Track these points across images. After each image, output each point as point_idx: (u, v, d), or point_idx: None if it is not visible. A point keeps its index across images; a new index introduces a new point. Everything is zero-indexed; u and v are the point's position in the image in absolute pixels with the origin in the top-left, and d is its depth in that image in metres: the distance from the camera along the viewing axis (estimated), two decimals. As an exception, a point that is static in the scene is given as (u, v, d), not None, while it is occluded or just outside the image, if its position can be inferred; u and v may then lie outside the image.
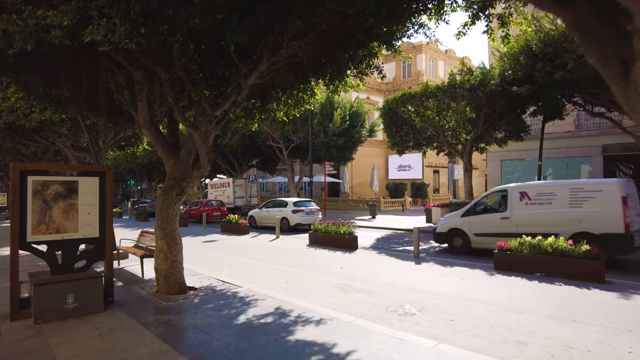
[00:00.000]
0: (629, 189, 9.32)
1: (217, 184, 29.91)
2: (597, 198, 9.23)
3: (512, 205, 10.45)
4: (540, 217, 9.92)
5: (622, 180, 9.59)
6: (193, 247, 13.65)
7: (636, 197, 9.78)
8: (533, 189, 10.28)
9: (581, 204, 9.42)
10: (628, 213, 8.81)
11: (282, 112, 11.64)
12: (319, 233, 13.30)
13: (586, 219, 9.26)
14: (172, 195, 6.83)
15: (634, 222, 8.97)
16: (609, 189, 9.16)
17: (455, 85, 15.76)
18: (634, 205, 9.41)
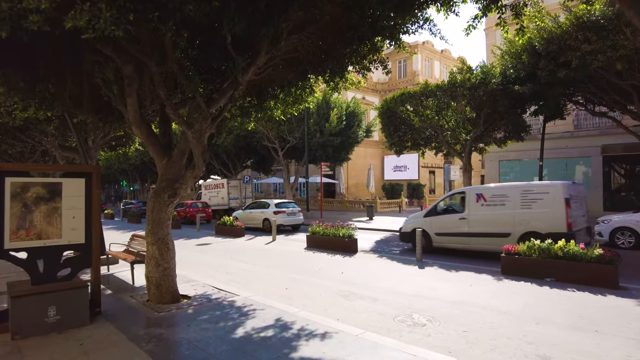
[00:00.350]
0: (573, 191, 9.89)
1: (211, 185, 29.38)
2: (544, 200, 9.79)
3: (469, 206, 10.98)
4: (494, 218, 10.46)
5: (567, 183, 10.08)
6: (186, 251, 13.18)
7: (582, 198, 10.51)
8: (488, 191, 10.84)
9: (530, 205, 9.98)
10: (570, 213, 9.43)
11: (280, 111, 11.25)
12: (317, 236, 12.88)
13: (534, 219, 9.82)
14: (164, 197, 6.38)
15: (576, 222, 9.63)
16: (554, 191, 9.72)
17: (456, 84, 15.43)
18: (579, 207, 10.07)
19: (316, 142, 24.60)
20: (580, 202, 10.32)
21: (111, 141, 15.13)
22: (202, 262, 11.07)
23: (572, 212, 9.51)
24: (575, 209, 9.79)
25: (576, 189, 10.35)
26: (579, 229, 9.73)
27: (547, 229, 9.45)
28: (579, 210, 10.06)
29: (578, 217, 9.87)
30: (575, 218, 9.60)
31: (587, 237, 10.39)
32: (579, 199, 10.26)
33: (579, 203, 10.13)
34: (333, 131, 24.22)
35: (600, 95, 14.32)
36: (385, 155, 43.14)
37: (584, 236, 10.08)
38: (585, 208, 10.74)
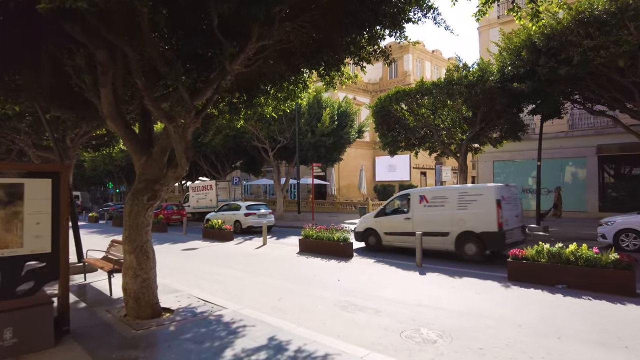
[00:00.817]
0: (505, 193, 10.52)
1: (199, 187, 28.55)
2: (478, 201, 10.45)
3: (413, 207, 11.64)
4: (435, 218, 11.07)
5: (500, 185, 10.76)
6: (172, 257, 12.45)
7: (515, 200, 11.11)
8: (430, 193, 11.55)
9: (466, 206, 10.62)
10: (501, 214, 10.05)
11: (271, 107, 10.63)
12: (310, 239, 12.26)
13: (470, 219, 10.45)
14: (143, 200, 5.70)
15: (508, 222, 10.27)
16: (487, 193, 10.36)
17: (453, 82, 14.96)
18: (511, 207, 10.70)
19: (307, 143, 23.98)
20: (514, 203, 11.00)
21: (92, 140, 14.33)
22: (188, 269, 10.36)
23: (504, 212, 10.15)
24: (508, 209, 10.42)
25: (509, 191, 10.92)
26: (511, 228, 10.44)
27: (481, 228, 10.22)
28: (511, 210, 10.68)
29: (510, 217, 10.54)
30: (506, 218, 10.25)
31: (521, 236, 11.14)
32: (512, 200, 10.88)
33: (511, 204, 10.79)
34: (325, 131, 23.63)
35: (600, 93, 13.96)
36: (376, 156, 42.71)
37: (518, 235, 10.84)
38: (520, 208, 11.45)
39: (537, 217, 15.82)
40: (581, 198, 21.24)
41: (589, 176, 20.86)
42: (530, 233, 15.33)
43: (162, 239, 17.74)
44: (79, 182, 62.92)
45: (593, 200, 20.65)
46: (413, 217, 11.54)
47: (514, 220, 10.76)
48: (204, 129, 10.74)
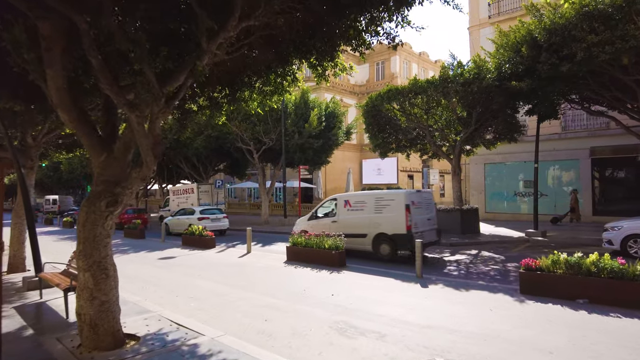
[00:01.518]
0: (415, 199, 11.44)
1: (179, 190, 27.29)
2: (391, 206, 11.33)
3: (339, 211, 12.56)
4: (356, 221, 11.95)
5: (410, 191, 11.95)
6: (146, 268, 11.34)
7: (428, 204, 12.05)
8: (353, 198, 12.43)
9: (381, 210, 11.51)
10: (410, 218, 10.95)
11: (256, 103, 9.71)
12: (299, 247, 11.30)
13: (384, 222, 11.35)
14: (100, 206, 4.68)
15: (418, 225, 11.16)
16: (398, 198, 11.24)
17: (448, 80, 14.22)
18: (423, 212, 11.62)
19: (294, 144, 23.02)
20: (426, 207, 11.94)
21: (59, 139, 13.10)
22: (163, 282, 9.28)
23: (413, 216, 11.06)
24: (418, 213, 11.34)
25: (420, 196, 11.83)
26: (422, 231, 11.22)
27: (392, 230, 11.11)
28: (422, 214, 11.61)
29: (421, 220, 11.46)
30: (416, 221, 11.15)
31: (435, 237, 12.00)
32: (424, 205, 11.81)
33: (423, 208, 11.68)
34: (313, 132, 22.71)
35: (600, 93, 13.40)
36: (363, 158, 42.01)
37: (430, 236, 11.67)
38: (433, 212, 12.32)
39: (534, 221, 15.19)
40: (574, 201, 20.78)
41: (583, 179, 20.44)
42: (529, 239, 14.69)
43: (138, 246, 16.54)
44: (57, 185, 60.60)
45: (587, 204, 20.22)
46: (338, 220, 12.45)
47: (426, 223, 11.69)
48: (181, 126, 9.70)
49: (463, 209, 16.23)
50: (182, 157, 28.94)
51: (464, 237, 15.33)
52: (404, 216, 10.95)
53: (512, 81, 13.21)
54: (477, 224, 16.56)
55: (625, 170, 19.83)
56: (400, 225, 10.99)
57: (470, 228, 16.23)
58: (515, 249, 13.01)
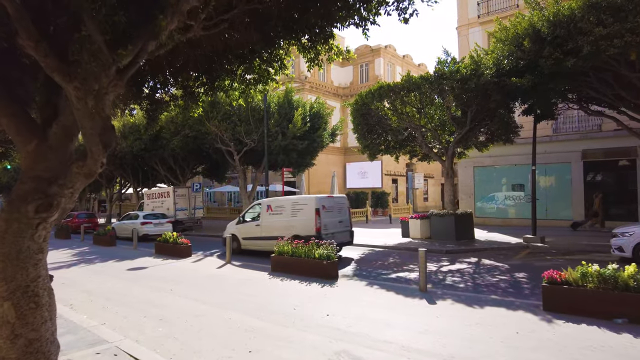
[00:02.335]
0: (326, 203, 12.38)
1: (154, 194, 25.69)
2: (304, 210, 12.30)
3: (262, 215, 13.37)
4: (276, 224, 12.81)
5: (321, 196, 12.68)
6: (112, 281, 9.97)
7: (340, 208, 12.87)
8: (274, 203, 13.30)
9: (296, 214, 12.46)
10: (320, 220, 11.90)
11: (238, 93, 8.55)
12: (285, 257, 10.14)
13: (298, 225, 12.22)
14: (28, 211, 3.46)
15: (327, 227, 12.09)
16: (310, 203, 12.25)
17: (444, 76, 13.34)
18: (334, 215, 12.51)
19: (278, 146, 21.84)
20: (338, 211, 12.78)
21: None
22: (129, 299, 7.98)
23: (324, 219, 12.00)
24: (329, 216, 12.27)
25: (332, 201, 12.76)
26: (332, 232, 12.14)
27: (305, 232, 11.80)
28: (334, 217, 12.49)
29: (332, 222, 12.36)
30: (326, 223, 12.06)
31: (347, 238, 12.93)
32: (335, 209, 12.69)
33: (334, 212, 12.58)
34: (297, 133, 21.59)
35: (602, 91, 12.74)
36: (347, 162, 41.12)
37: (342, 237, 12.52)
38: (346, 215, 13.17)
39: (532, 226, 14.44)
40: (566, 206, 20.27)
41: (574, 183, 19.94)
42: (528, 244, 13.90)
43: (107, 254, 15.07)
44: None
45: (579, 208, 19.71)
46: (262, 223, 13.31)
47: (337, 225, 12.60)
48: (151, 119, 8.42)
49: (457, 213, 15.38)
50: (158, 159, 27.39)
51: (460, 243, 14.45)
52: (314, 219, 11.94)
53: (511, 77, 12.43)
54: (472, 229, 15.73)
55: (617, 174, 19.39)
56: (310, 227, 11.91)
57: (464, 234, 15.38)
58: (516, 257, 12.17)
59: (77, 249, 17.63)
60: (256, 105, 22.60)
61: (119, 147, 27.48)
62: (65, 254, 15.56)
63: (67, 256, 15.00)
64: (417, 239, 16.05)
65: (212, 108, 21.89)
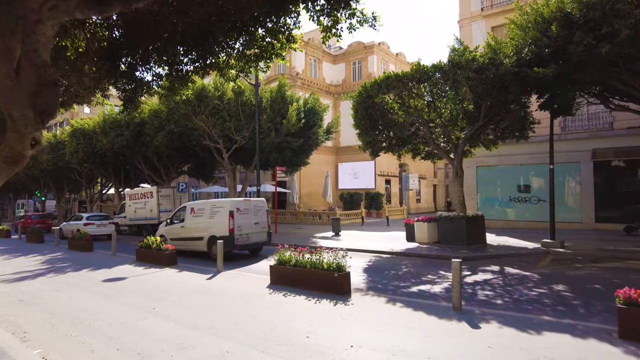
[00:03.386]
0: (241, 206, 13.26)
1: (137, 195, 23.97)
2: (220, 212, 13.12)
3: (186, 217, 14.19)
4: (198, 225, 13.68)
5: (237, 200, 13.75)
6: (83, 296, 8.45)
7: (257, 210, 13.66)
8: (196, 206, 14.19)
9: (214, 216, 13.28)
10: (234, 222, 12.75)
11: (235, 71, 7.22)
12: (287, 267, 8.74)
13: (214, 226, 13.11)
14: None
15: (242, 228, 12.97)
16: (225, 205, 13.11)
17: (459, 65, 12.11)
18: (249, 217, 13.32)
19: (270, 143, 20.41)
20: (255, 213, 13.61)
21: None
22: (100, 324, 6.49)
23: (237, 221, 12.91)
24: (244, 219, 13.15)
25: (248, 204, 13.63)
26: (247, 233, 13.17)
27: (220, 233, 12.78)
28: (249, 219, 13.37)
29: (247, 224, 13.25)
30: (240, 225, 12.98)
31: (263, 238, 13.88)
32: (252, 211, 13.52)
33: (250, 214, 13.43)
34: (292, 130, 20.20)
35: (631, 83, 11.67)
36: (339, 162, 39.84)
37: (257, 238, 13.56)
38: (264, 217, 13.98)
39: (550, 230, 13.31)
40: (575, 208, 19.31)
41: (584, 184, 18.98)
42: (548, 250, 12.77)
43: (82, 261, 13.47)
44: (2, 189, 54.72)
45: (588, 210, 18.76)
46: (185, 225, 14.20)
47: (253, 226, 13.47)
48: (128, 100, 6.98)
49: (469, 216, 14.19)
50: (141, 157, 25.72)
51: (472, 249, 13.26)
52: (227, 221, 12.81)
53: (533, 67, 11.27)
54: (484, 233, 14.57)
55: (629, 174, 18.49)
56: (225, 228, 12.81)
57: (476, 238, 14.20)
58: (541, 264, 10.99)
59: (48, 254, 15.93)
60: (247, 99, 21.17)
61: (99, 144, 25.72)
62: (34, 262, 13.88)
63: (36, 264, 13.34)
64: (424, 243, 14.80)
65: (200, 102, 20.39)
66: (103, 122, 26.05)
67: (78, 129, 27.98)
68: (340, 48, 43.51)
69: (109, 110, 25.58)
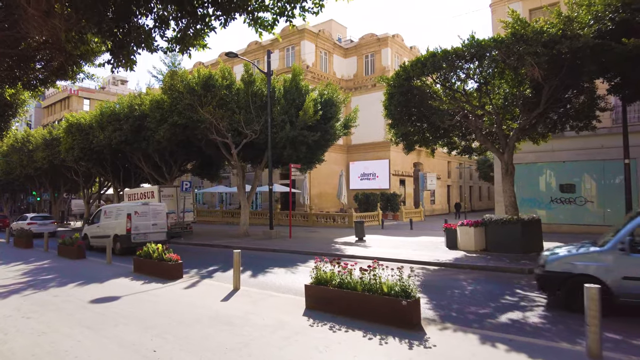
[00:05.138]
0: (139, 209, 15.88)
1: (137, 194, 21.88)
2: (122, 214, 15.85)
3: (101, 218, 16.91)
4: (109, 225, 16.18)
5: (135, 204, 16.57)
6: (62, 326, 6.34)
7: (154, 214, 16.09)
8: (108, 209, 16.98)
9: (118, 217, 16.01)
10: (131, 223, 15.38)
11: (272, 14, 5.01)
12: (330, 288, 6.64)
13: (117, 226, 15.83)
14: None
15: (138, 228, 15.52)
16: (125, 209, 16.00)
17: (525, 37, 9.99)
18: (147, 219, 15.84)
19: (284, 137, 18.30)
20: (153, 216, 15.99)
21: None
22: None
23: (135, 222, 15.40)
24: (142, 220, 15.59)
25: (147, 208, 16.05)
26: (144, 233, 15.52)
27: (120, 232, 15.46)
28: (147, 221, 15.77)
29: (145, 225, 15.68)
30: (137, 225, 15.45)
31: (163, 238, 15.84)
32: (150, 214, 15.93)
33: (148, 216, 15.85)
34: (309, 122, 18.10)
35: None
36: (350, 161, 37.73)
37: (156, 237, 15.32)
38: (163, 219, 16.32)
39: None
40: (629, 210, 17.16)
41: (642, 182, 16.86)
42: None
43: (70, 272, 11.42)
44: None
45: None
46: (100, 225, 16.73)
47: (150, 227, 15.75)
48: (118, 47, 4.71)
49: (524, 220, 12.10)
50: (141, 154, 23.63)
51: (531, 257, 11.17)
52: (125, 222, 15.21)
53: (624, 38, 9.17)
54: (541, 239, 12.49)
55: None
56: (123, 228, 15.25)
57: (532, 245, 12.13)
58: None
59: (34, 262, 13.85)
60: (258, 89, 19.08)
61: (95, 140, 23.66)
62: (14, 272, 11.80)
63: (15, 275, 11.26)
64: (470, 251, 12.71)
65: (206, 91, 18.31)
66: (100, 115, 23.99)
67: (73, 123, 25.90)
68: (351, 41, 41.41)
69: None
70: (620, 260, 6.22)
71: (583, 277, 6.36)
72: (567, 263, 6.70)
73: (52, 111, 61.65)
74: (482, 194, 55.95)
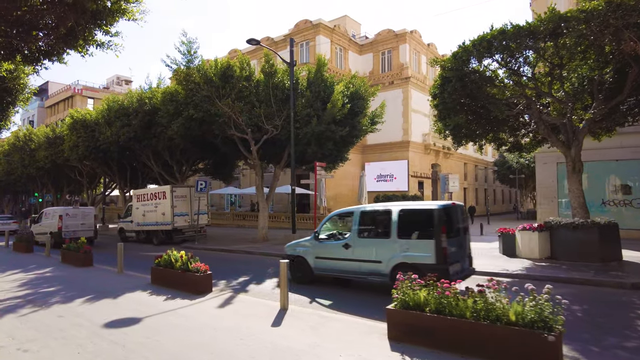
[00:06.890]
0: (69, 212, 19.64)
1: (146, 195, 20.26)
2: (56, 215, 19.41)
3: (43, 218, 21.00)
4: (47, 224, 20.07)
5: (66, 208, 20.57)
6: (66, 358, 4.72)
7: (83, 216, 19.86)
8: (47, 211, 20.93)
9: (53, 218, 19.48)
10: (61, 223, 18.87)
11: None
12: (426, 315, 5.00)
13: (52, 226, 19.26)
14: None
15: (69, 227, 19.08)
16: (58, 211, 19.68)
17: (622, 4, 8.35)
18: (77, 219, 19.48)
19: (309, 133, 16.68)
20: (82, 217, 19.77)
21: None
22: None
23: (66, 222, 19.05)
24: (72, 220, 19.33)
25: (77, 211, 20.05)
26: (74, 230, 19.05)
27: (54, 230, 19.10)
28: (77, 221, 19.49)
29: (74, 224, 19.39)
30: (67, 225, 19.13)
31: (91, 234, 19.72)
32: (79, 216, 19.68)
33: (78, 218, 19.58)
34: (337, 116, 16.50)
35: None
36: (366, 161, 36.10)
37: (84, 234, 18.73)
38: (91, 220, 20.15)
39: None
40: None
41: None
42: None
43: (77, 283, 9.81)
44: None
45: None
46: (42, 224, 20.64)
47: (80, 226, 19.50)
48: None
49: (601, 224, 10.45)
50: (151, 152, 22.04)
51: (614, 267, 9.53)
52: (57, 223, 18.97)
53: None
54: (619, 247, 10.84)
55: None
56: (55, 227, 19.01)
57: (610, 253, 10.47)
58: None
59: (35, 270, 12.27)
60: (279, 81, 17.49)
61: (102, 137, 22.10)
62: (10, 284, 10.19)
63: (12, 287, 9.66)
64: (534, 259, 11.07)
65: (225, 83, 16.76)
66: (107, 110, 22.45)
67: (78, 120, 24.36)
68: (366, 37, 39.86)
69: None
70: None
71: None
72: None
73: (55, 111, 60.28)
74: (496, 197, 54.21)
